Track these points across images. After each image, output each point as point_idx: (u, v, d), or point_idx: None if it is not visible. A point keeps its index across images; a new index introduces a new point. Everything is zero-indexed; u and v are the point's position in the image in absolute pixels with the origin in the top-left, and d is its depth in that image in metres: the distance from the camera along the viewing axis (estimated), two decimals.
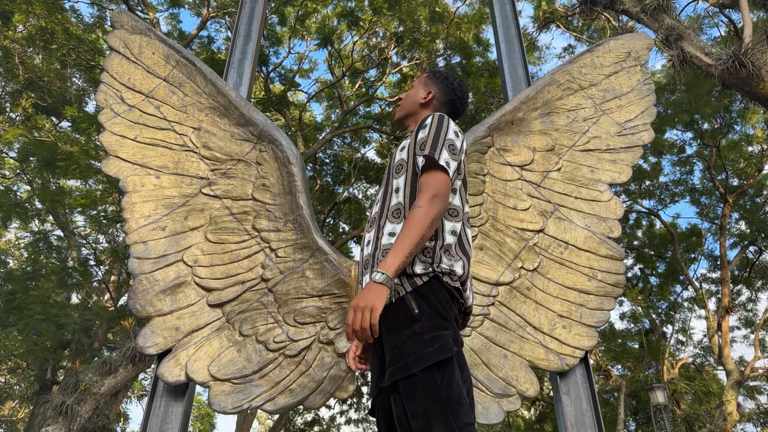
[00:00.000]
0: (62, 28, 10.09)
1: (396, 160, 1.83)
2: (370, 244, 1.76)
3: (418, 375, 1.46)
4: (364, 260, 1.79)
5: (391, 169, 1.83)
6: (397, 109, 2.09)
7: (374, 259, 1.70)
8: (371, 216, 1.86)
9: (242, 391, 2.30)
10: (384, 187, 1.83)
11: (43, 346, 8.41)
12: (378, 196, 1.88)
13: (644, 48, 3.04)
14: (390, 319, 1.56)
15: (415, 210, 1.59)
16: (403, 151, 1.82)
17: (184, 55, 2.83)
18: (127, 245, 2.49)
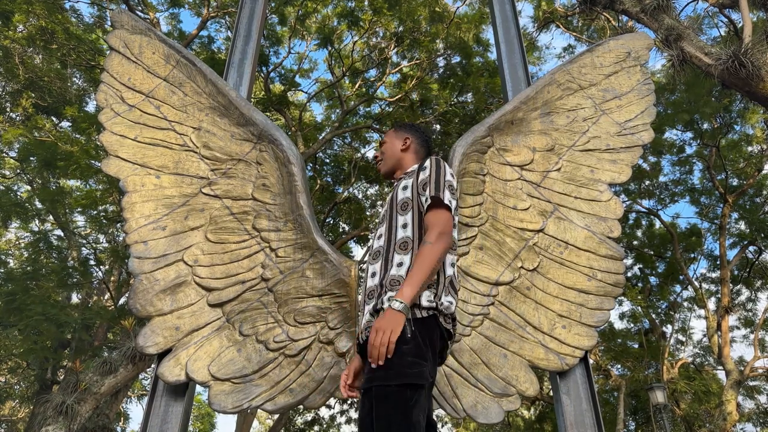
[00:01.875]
0: (62, 28, 10.09)
1: (399, 198, 2.02)
2: (376, 275, 1.90)
3: (392, 387, 1.61)
4: (368, 290, 1.92)
5: (395, 207, 2.01)
6: (380, 165, 2.28)
7: (382, 288, 1.84)
8: (374, 249, 2.02)
9: (242, 390, 2.30)
10: (387, 223, 1.99)
11: (43, 346, 8.42)
12: (379, 230, 2.04)
13: (644, 48, 3.04)
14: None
15: (426, 246, 1.80)
16: (407, 190, 2.02)
17: (184, 55, 2.84)
18: (127, 245, 2.49)
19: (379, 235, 2.02)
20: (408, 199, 1.99)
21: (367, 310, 1.87)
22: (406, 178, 2.09)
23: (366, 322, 1.86)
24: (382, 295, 1.82)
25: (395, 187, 2.10)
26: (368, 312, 1.86)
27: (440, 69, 13.15)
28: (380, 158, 2.29)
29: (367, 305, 1.89)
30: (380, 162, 2.29)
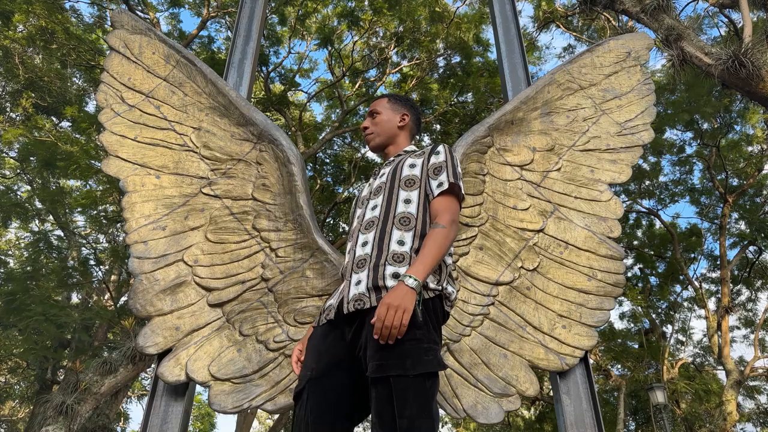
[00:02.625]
0: (62, 27, 10.09)
1: (404, 174, 1.92)
2: (368, 245, 1.79)
3: (411, 377, 1.52)
4: (357, 258, 1.80)
5: (397, 181, 1.91)
6: (370, 137, 2.13)
7: (379, 261, 1.73)
8: (365, 219, 1.90)
9: (242, 390, 2.30)
10: (386, 195, 1.89)
11: (43, 346, 8.42)
12: (373, 201, 1.93)
13: (644, 48, 3.04)
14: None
15: (439, 229, 1.73)
16: (414, 168, 1.93)
17: (184, 55, 2.83)
18: (127, 245, 2.49)
19: (373, 206, 1.90)
20: (415, 177, 1.91)
21: (356, 280, 1.74)
22: (411, 156, 1.99)
23: (358, 293, 1.70)
24: (381, 269, 1.70)
25: (396, 163, 1.99)
26: (359, 283, 1.73)
27: (440, 69, 13.16)
28: (371, 130, 2.13)
29: (356, 274, 1.76)
30: (371, 134, 2.13)
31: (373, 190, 1.98)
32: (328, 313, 1.80)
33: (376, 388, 1.54)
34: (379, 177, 2.02)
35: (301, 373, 1.76)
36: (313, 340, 1.82)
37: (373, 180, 2.07)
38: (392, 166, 2.00)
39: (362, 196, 2.04)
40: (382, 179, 1.98)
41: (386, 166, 2.05)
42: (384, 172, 2.01)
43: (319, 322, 1.83)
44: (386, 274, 1.70)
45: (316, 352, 1.76)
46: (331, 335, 1.75)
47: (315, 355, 1.75)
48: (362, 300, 1.69)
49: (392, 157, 2.10)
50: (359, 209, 1.99)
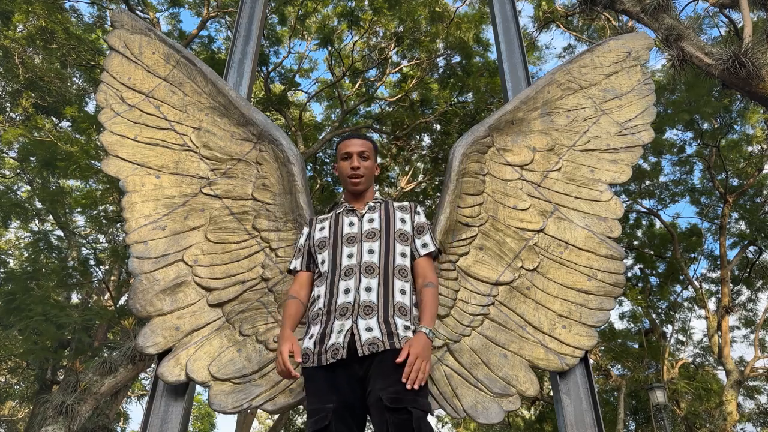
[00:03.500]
0: (62, 27, 10.09)
1: (398, 228, 2.19)
2: (372, 291, 2.01)
3: (422, 412, 1.80)
4: (363, 303, 1.98)
5: (392, 233, 2.16)
6: (361, 181, 2.27)
7: (387, 313, 1.97)
8: (364, 261, 2.07)
9: (242, 390, 2.30)
10: (383, 244, 2.12)
11: (43, 346, 8.42)
12: (368, 245, 2.11)
13: (644, 48, 3.03)
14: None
15: (434, 288, 2.10)
16: (405, 224, 2.22)
17: (184, 55, 2.83)
18: (127, 245, 2.49)
19: (369, 250, 2.10)
20: (407, 233, 2.19)
21: (365, 326, 1.94)
22: (399, 210, 2.25)
23: (371, 338, 1.91)
24: (391, 320, 1.96)
25: (383, 211, 2.22)
26: (369, 329, 1.93)
27: (440, 69, 13.16)
28: (362, 173, 2.28)
29: (363, 320, 1.95)
30: (361, 177, 2.27)
31: (364, 232, 2.15)
32: (334, 353, 1.92)
33: (394, 414, 1.77)
34: (365, 220, 2.20)
35: (319, 406, 1.89)
36: (322, 375, 1.94)
37: (350, 217, 2.22)
38: (379, 213, 2.22)
39: (346, 232, 2.17)
40: (372, 225, 2.18)
41: (370, 211, 2.24)
42: (373, 217, 2.21)
43: (323, 361, 1.93)
44: (398, 325, 1.96)
45: (331, 386, 1.91)
46: (342, 372, 1.92)
47: (332, 389, 1.90)
48: (376, 344, 1.91)
49: (370, 202, 2.27)
50: (348, 246, 2.12)
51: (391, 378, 1.81)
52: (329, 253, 2.14)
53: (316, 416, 1.87)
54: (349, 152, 2.28)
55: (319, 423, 1.84)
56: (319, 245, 2.19)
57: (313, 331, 2.02)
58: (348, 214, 2.24)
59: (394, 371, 1.83)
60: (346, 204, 2.29)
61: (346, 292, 2.01)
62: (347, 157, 2.29)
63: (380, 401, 1.77)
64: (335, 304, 2.00)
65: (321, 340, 1.97)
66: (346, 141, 2.34)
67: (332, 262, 2.11)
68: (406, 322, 1.98)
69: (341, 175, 2.32)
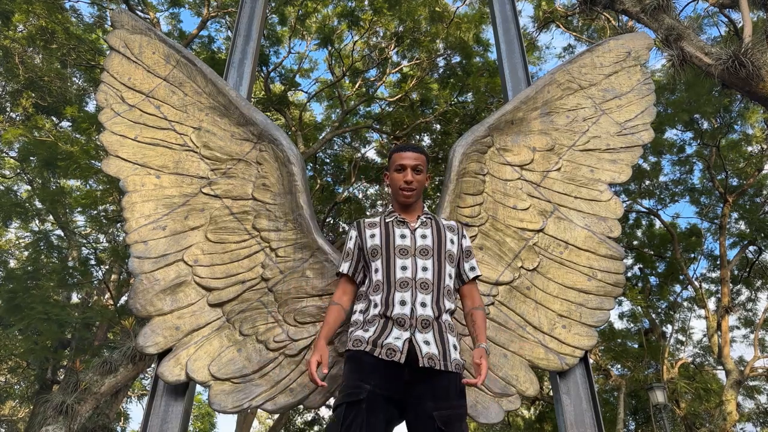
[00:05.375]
0: (62, 27, 10.09)
1: (448, 248, 2.25)
2: (427, 307, 2.09)
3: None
4: (420, 317, 2.07)
5: (444, 252, 2.22)
6: (413, 194, 2.28)
7: (442, 329, 2.09)
8: (419, 278, 2.14)
9: (242, 390, 2.30)
10: (436, 263, 2.18)
11: (43, 346, 8.42)
12: (422, 262, 2.17)
13: (644, 48, 3.04)
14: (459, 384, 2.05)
15: (483, 311, 2.25)
16: (454, 245, 2.28)
17: (184, 55, 2.84)
18: (127, 245, 2.49)
19: (423, 267, 2.15)
20: (454, 255, 2.26)
21: (423, 339, 2.04)
22: (449, 230, 2.30)
23: (430, 353, 2.01)
24: (445, 338, 2.08)
25: (435, 228, 2.27)
26: (427, 343, 2.03)
27: (440, 69, 13.16)
28: (415, 186, 2.28)
29: (420, 333, 2.05)
30: (414, 190, 2.28)
31: (417, 248, 2.20)
32: (390, 353, 2.00)
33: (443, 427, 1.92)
34: (418, 235, 2.24)
35: (358, 383, 1.96)
36: (371, 360, 2.01)
37: (402, 228, 2.25)
38: (432, 229, 2.26)
39: (398, 244, 2.21)
40: (425, 242, 2.22)
41: (423, 226, 2.27)
42: (425, 233, 2.25)
43: (377, 353, 2.01)
44: (450, 343, 2.08)
45: (376, 373, 1.98)
46: (389, 371, 2.00)
47: (376, 375, 1.97)
48: (434, 360, 2.00)
49: (422, 217, 2.29)
50: (401, 258, 2.17)
51: (444, 402, 1.95)
52: (383, 262, 2.19)
53: (350, 390, 1.94)
54: (404, 165, 2.28)
55: (352, 396, 1.91)
56: (372, 253, 2.23)
57: (369, 329, 2.08)
58: (399, 225, 2.26)
59: (447, 394, 1.97)
60: (396, 215, 2.30)
61: (402, 303, 2.08)
62: (401, 170, 2.29)
63: (432, 420, 1.91)
64: (392, 313, 2.07)
65: (378, 337, 2.04)
66: (401, 153, 2.32)
67: (386, 272, 2.16)
68: (455, 341, 2.11)
69: (393, 186, 2.32)
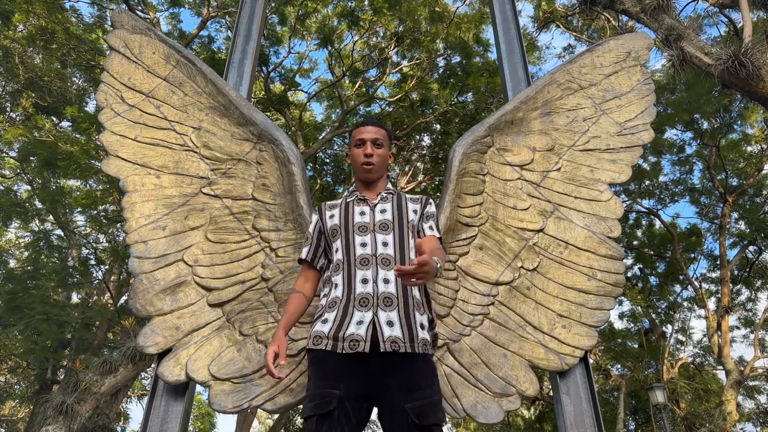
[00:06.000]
0: (62, 27, 10.09)
1: (410, 218, 2.15)
2: (390, 284, 1.97)
3: (441, 426, 1.86)
4: (381, 294, 1.95)
5: (405, 225, 2.12)
6: (373, 169, 2.21)
7: (408, 309, 1.95)
8: (380, 254, 2.03)
9: (242, 390, 2.30)
10: (397, 236, 2.08)
11: (43, 346, 8.42)
12: (382, 237, 2.07)
13: (644, 48, 3.04)
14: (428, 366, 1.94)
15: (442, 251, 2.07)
16: (416, 215, 2.19)
17: (184, 55, 2.83)
18: (127, 245, 2.49)
19: (384, 242, 2.06)
20: (415, 225, 2.16)
21: (386, 319, 1.91)
22: (411, 201, 2.20)
23: (393, 336, 1.88)
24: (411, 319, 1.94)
25: (397, 202, 2.17)
26: (390, 324, 1.90)
27: (440, 69, 13.16)
28: (375, 161, 2.21)
29: (383, 312, 1.92)
30: (374, 166, 2.20)
31: (377, 223, 2.11)
32: (354, 344, 1.88)
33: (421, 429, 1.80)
34: (377, 210, 2.15)
35: (324, 390, 1.84)
36: (335, 360, 1.89)
37: (362, 206, 2.17)
38: (392, 203, 2.17)
39: (357, 221, 2.12)
40: (385, 216, 2.13)
41: (382, 201, 2.18)
42: (385, 208, 2.15)
43: (339, 349, 1.89)
44: (417, 323, 1.95)
45: (342, 374, 1.86)
46: (356, 364, 1.88)
47: (342, 377, 1.86)
48: (398, 344, 1.88)
49: (382, 193, 2.21)
50: (360, 235, 2.08)
51: (415, 392, 1.83)
52: (342, 242, 2.10)
53: (319, 400, 1.82)
54: (363, 139, 2.22)
55: (322, 408, 1.79)
56: (332, 233, 2.15)
57: (328, 317, 1.97)
58: (359, 203, 2.19)
59: (417, 382, 1.86)
60: (357, 193, 2.23)
61: (364, 282, 1.98)
62: (360, 144, 2.23)
63: (405, 414, 1.79)
64: (354, 293, 1.96)
65: (338, 327, 1.92)
66: (360, 128, 2.28)
67: (346, 251, 2.06)
68: (423, 320, 1.98)
69: (354, 163, 2.25)
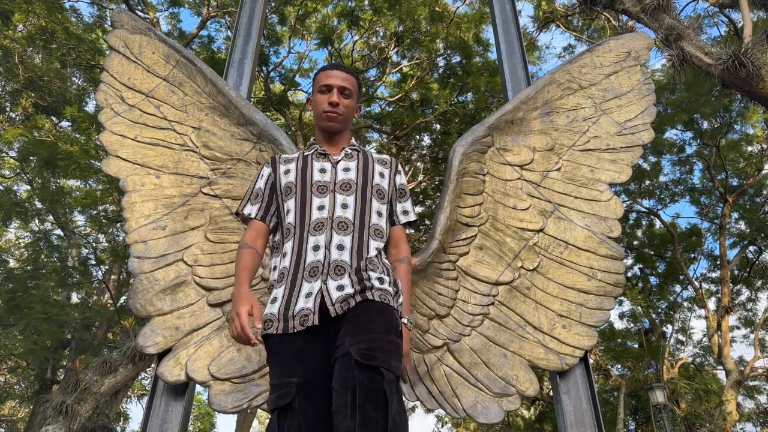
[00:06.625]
0: (62, 27, 10.09)
1: (376, 182, 1.97)
2: (345, 251, 1.80)
3: (394, 375, 1.60)
4: (333, 262, 1.77)
5: (369, 187, 1.94)
6: (338, 118, 2.00)
7: (360, 267, 1.80)
8: (336, 217, 1.84)
9: (242, 390, 2.30)
10: (359, 198, 1.90)
11: (43, 346, 8.42)
12: (342, 198, 1.88)
13: (644, 48, 3.04)
14: (387, 315, 1.74)
15: (407, 266, 1.99)
16: (384, 179, 2.01)
17: (184, 55, 2.83)
18: (127, 244, 2.49)
19: (343, 204, 1.86)
20: (385, 191, 1.99)
21: (337, 285, 1.74)
22: (377, 162, 2.02)
23: (344, 296, 1.72)
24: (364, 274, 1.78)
25: (362, 161, 1.98)
26: (341, 288, 1.74)
27: (440, 69, 13.15)
28: (341, 111, 1.98)
29: (333, 280, 1.75)
30: (339, 115, 1.98)
31: (338, 182, 1.91)
32: (303, 319, 1.71)
33: (364, 372, 1.54)
34: (340, 168, 1.95)
35: (282, 380, 1.67)
36: (287, 344, 1.72)
37: (322, 162, 1.96)
38: (358, 162, 1.98)
39: (317, 179, 1.92)
40: (348, 175, 1.93)
41: (347, 158, 1.99)
42: (349, 166, 1.96)
43: (290, 329, 1.71)
44: (372, 277, 1.79)
45: (297, 357, 1.69)
46: (312, 340, 1.70)
47: (298, 360, 1.68)
48: (348, 301, 1.72)
49: (347, 148, 2.02)
50: (319, 197, 1.88)
51: (363, 334, 1.61)
52: (296, 202, 1.89)
53: (278, 392, 1.65)
54: (329, 85, 1.99)
55: (281, 400, 1.62)
56: (286, 191, 1.93)
57: (276, 295, 1.80)
58: (319, 158, 1.97)
59: (368, 325, 1.65)
60: (317, 146, 2.02)
61: (315, 249, 1.79)
62: (326, 90, 2.00)
63: (348, 356, 1.56)
64: (304, 263, 1.78)
65: (287, 305, 1.74)
66: (326, 71, 2.02)
67: (300, 214, 1.86)
68: (380, 275, 1.80)
69: (315, 110, 2.02)
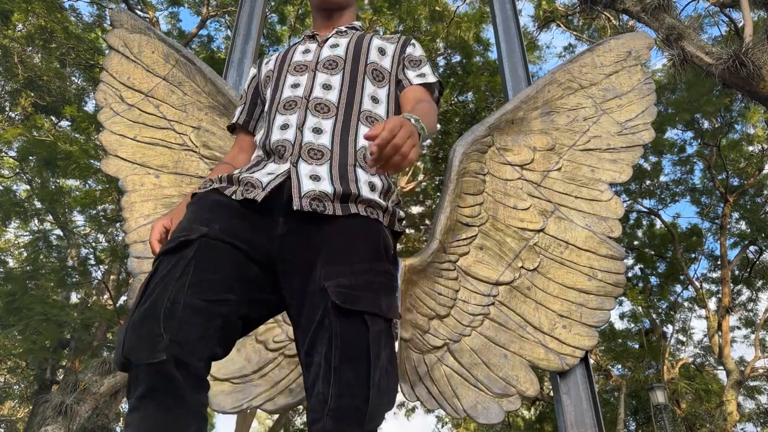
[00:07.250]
0: (62, 27, 10.08)
1: (371, 58, 1.54)
2: (325, 134, 1.37)
3: (384, 320, 1.21)
4: (307, 144, 1.35)
5: (363, 65, 1.52)
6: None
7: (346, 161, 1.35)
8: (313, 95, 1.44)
9: (242, 390, 2.30)
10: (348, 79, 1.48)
11: (42, 346, 8.42)
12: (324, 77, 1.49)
13: (645, 47, 3.03)
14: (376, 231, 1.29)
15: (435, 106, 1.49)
16: (385, 56, 1.57)
17: (183, 54, 2.83)
18: (126, 244, 2.48)
19: (324, 84, 1.46)
20: (385, 71, 1.55)
21: (310, 172, 1.31)
22: (379, 37, 1.62)
23: (318, 192, 1.26)
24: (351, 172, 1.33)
25: (355, 37, 1.60)
26: (316, 178, 1.30)
27: (440, 68, 13.15)
28: None
29: (308, 164, 1.33)
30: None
31: (322, 60, 1.52)
32: (247, 189, 1.29)
33: (344, 319, 1.15)
34: (327, 46, 1.57)
35: (188, 224, 1.25)
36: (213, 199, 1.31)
37: (308, 43, 1.62)
38: (350, 38, 1.59)
39: (296, 59, 1.56)
40: (336, 51, 1.54)
41: (337, 36, 1.61)
42: (339, 42, 1.57)
43: (233, 194, 1.30)
44: (359, 179, 1.32)
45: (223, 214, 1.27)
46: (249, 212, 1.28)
47: (221, 215, 1.27)
48: (323, 203, 1.26)
49: (343, 27, 1.65)
50: (294, 75, 1.52)
51: (343, 264, 1.20)
52: (271, 86, 1.57)
53: (175, 235, 1.24)
54: None
55: (174, 241, 1.21)
56: (265, 82, 1.65)
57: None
58: (305, 41, 1.65)
59: (350, 250, 1.23)
60: (309, 31, 1.70)
61: (283, 127, 1.40)
62: None
63: (324, 293, 1.16)
64: (269, 145, 1.40)
65: (239, 174, 1.36)
66: None
67: (272, 94, 1.53)
68: (374, 180, 1.34)
69: None
